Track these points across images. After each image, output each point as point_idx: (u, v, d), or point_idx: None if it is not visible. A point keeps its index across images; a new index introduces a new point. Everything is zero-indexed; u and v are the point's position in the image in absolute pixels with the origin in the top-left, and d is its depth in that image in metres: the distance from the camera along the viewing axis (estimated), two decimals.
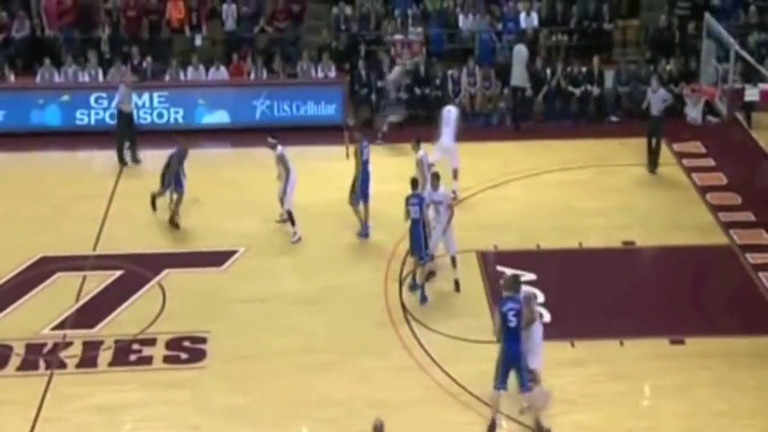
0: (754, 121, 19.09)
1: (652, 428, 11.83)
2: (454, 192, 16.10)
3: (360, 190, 15.60)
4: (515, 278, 11.83)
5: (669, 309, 14.03)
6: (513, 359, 11.43)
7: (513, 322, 11.32)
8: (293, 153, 18.50)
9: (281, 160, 15.68)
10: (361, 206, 15.71)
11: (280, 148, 15.73)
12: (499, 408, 11.71)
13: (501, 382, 11.53)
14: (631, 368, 12.90)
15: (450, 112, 16.70)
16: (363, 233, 15.69)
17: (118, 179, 18.01)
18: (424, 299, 14.17)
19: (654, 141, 17.42)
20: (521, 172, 17.09)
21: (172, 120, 19.66)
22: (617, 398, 12.37)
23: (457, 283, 14.39)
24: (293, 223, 15.62)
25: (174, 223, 16.03)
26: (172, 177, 15.95)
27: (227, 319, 13.94)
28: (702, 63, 19.85)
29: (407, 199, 14.14)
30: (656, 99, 17.14)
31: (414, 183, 14.28)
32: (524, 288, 12.12)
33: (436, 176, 14.44)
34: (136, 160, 18.49)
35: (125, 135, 18.43)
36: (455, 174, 16.49)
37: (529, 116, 19.77)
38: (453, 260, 14.47)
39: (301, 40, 21.26)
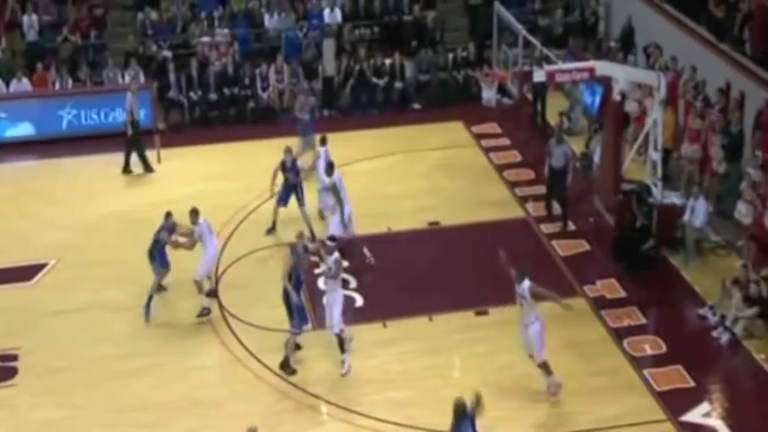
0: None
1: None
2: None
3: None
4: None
5: (474, 282, 14.74)
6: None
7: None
8: (103, 161, 18.50)
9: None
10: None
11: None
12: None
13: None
14: (441, 342, 13.56)
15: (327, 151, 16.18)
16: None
17: None
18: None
19: (555, 196, 16.26)
20: None
21: None
22: (429, 371, 13.00)
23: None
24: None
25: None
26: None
27: (38, 333, 13.78)
28: (494, 49, 20.90)
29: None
30: (558, 152, 16.03)
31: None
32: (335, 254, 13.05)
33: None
34: (127, 170, 17.94)
35: (142, 144, 17.84)
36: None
37: (336, 107, 20.31)
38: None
39: (107, 48, 21.02)
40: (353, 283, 14.73)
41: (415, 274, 14.96)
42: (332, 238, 13.60)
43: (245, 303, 14.25)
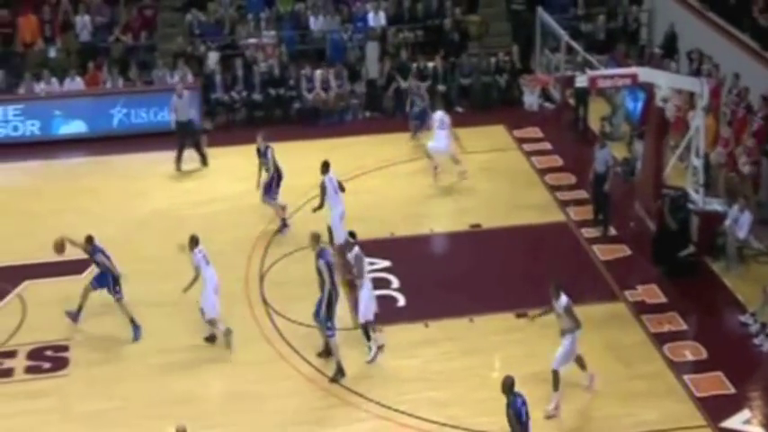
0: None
1: (500, 398, 12.38)
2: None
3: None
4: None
5: (514, 285, 14.91)
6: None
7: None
8: (152, 159, 18.87)
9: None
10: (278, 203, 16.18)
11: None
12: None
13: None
14: (481, 343, 13.72)
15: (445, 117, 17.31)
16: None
17: None
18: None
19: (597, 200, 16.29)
20: (374, 164, 17.76)
21: (28, 132, 19.65)
22: (468, 372, 13.16)
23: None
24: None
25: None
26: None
27: (89, 325, 14.12)
28: (537, 54, 20.99)
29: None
30: (601, 157, 16.06)
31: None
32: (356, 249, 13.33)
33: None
34: (204, 162, 18.60)
35: (183, 144, 18.42)
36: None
37: (379, 109, 20.52)
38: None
39: (157, 48, 21.44)
40: (396, 284, 14.91)
41: (456, 276, 15.13)
42: (352, 234, 13.78)
43: (288, 300, 14.46)
